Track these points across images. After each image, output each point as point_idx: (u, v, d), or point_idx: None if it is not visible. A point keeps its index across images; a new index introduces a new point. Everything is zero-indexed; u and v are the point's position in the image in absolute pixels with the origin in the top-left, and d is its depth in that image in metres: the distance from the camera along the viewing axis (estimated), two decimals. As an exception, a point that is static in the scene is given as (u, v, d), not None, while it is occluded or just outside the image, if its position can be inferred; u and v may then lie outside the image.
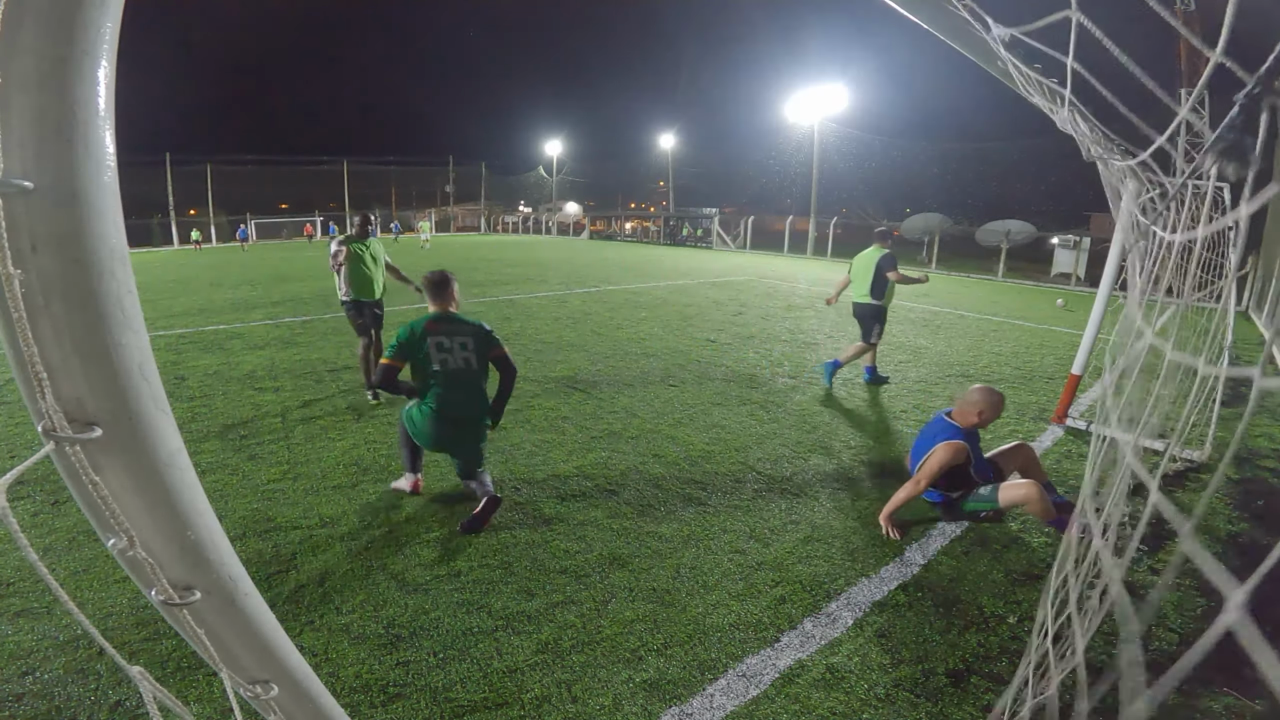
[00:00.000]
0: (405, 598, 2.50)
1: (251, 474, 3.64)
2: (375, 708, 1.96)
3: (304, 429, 4.37)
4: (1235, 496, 3.57)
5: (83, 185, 0.37)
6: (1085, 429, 4.57)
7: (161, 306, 9.84)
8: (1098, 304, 4.49)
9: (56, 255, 0.37)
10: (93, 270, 0.38)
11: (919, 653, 2.25)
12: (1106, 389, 2.07)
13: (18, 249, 0.36)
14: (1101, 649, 2.28)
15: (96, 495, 0.42)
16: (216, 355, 6.53)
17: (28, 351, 0.37)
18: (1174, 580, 2.73)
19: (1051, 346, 7.69)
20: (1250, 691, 2.05)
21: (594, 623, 2.37)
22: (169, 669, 2.09)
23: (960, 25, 1.49)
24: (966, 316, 9.91)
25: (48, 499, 3.25)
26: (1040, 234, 20.16)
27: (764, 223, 29.58)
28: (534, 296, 11.00)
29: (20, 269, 0.36)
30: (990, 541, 3.02)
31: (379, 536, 2.97)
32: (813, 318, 9.27)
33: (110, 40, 0.37)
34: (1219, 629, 0.50)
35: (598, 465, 3.80)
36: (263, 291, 11.68)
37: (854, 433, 4.44)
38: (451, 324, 3.16)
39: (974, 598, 2.57)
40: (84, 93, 0.36)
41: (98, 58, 0.36)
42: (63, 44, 0.35)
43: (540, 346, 6.97)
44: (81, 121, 0.36)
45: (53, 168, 0.36)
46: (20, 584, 2.54)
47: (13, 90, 0.34)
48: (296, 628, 2.31)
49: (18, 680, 2.03)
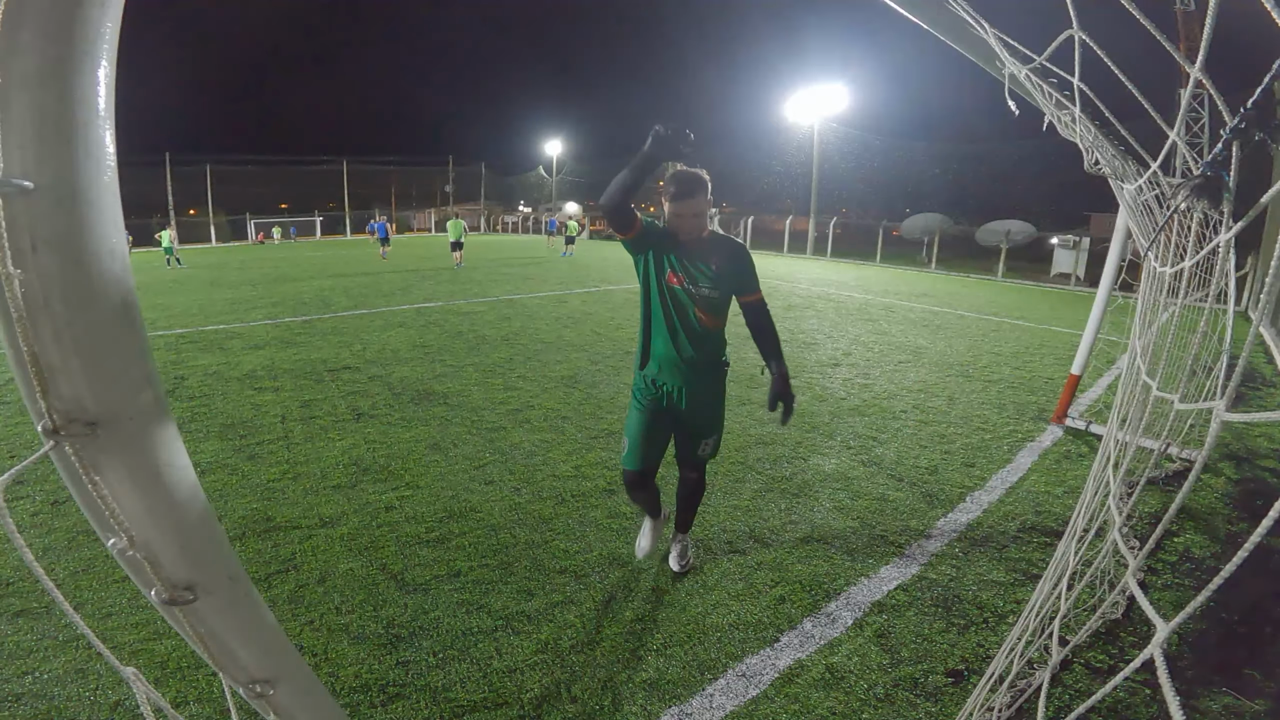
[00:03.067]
0: (405, 598, 2.50)
1: (251, 474, 3.64)
2: (375, 708, 1.96)
3: (304, 429, 4.37)
4: (1235, 496, 3.57)
5: (83, 185, 0.37)
6: (1085, 429, 4.57)
7: (161, 307, 9.84)
8: (1097, 304, 4.49)
9: (56, 255, 0.37)
10: (93, 270, 0.38)
11: (919, 652, 2.25)
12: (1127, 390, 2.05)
13: (18, 249, 0.36)
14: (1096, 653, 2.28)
15: (96, 495, 0.42)
16: (216, 355, 6.53)
17: (28, 351, 0.37)
18: (1172, 580, 2.73)
19: (1051, 346, 7.69)
20: (1250, 691, 2.05)
21: (594, 623, 2.37)
22: (169, 669, 2.09)
23: (960, 25, 1.49)
24: (966, 316, 9.91)
25: (47, 499, 3.25)
26: (1040, 234, 20.17)
27: (764, 222, 29.59)
28: (534, 296, 11.00)
29: (20, 269, 0.36)
30: (990, 541, 3.02)
31: (379, 536, 2.96)
32: (812, 317, 9.27)
33: (110, 40, 0.37)
34: (1136, 663, 0.51)
35: (598, 465, 3.79)
36: (263, 291, 11.68)
37: (854, 433, 4.44)
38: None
39: (974, 598, 2.57)
40: (84, 93, 0.36)
41: (98, 58, 0.36)
42: (63, 44, 0.35)
43: (540, 346, 6.97)
44: (81, 121, 0.36)
45: (53, 168, 0.36)
46: (20, 584, 2.53)
47: (13, 90, 0.34)
48: (296, 628, 2.31)
49: (17, 680, 2.03)
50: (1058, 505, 3.42)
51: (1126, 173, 2.74)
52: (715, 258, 2.21)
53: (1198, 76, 0.60)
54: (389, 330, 7.84)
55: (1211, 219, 2.91)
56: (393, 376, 5.67)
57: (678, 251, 2.21)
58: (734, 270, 2.23)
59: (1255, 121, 0.61)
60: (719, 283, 2.21)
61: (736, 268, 2.24)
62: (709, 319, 2.23)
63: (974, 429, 4.57)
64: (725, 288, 2.23)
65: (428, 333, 7.69)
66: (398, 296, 10.89)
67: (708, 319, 2.23)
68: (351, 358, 6.37)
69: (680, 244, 2.21)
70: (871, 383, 5.73)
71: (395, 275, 14.42)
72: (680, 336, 2.25)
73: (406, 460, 3.83)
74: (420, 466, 3.74)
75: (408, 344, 7.03)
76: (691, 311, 2.22)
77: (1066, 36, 1.00)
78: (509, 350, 6.75)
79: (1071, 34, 0.96)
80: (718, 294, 2.22)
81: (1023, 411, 5.00)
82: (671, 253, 2.21)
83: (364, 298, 10.70)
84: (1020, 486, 3.65)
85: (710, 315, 2.23)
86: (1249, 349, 0.61)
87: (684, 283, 2.20)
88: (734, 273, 2.24)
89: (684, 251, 2.21)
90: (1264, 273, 10.69)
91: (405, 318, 8.77)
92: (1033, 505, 3.41)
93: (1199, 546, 3.02)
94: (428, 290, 11.72)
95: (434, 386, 5.37)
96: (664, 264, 2.22)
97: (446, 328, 8.02)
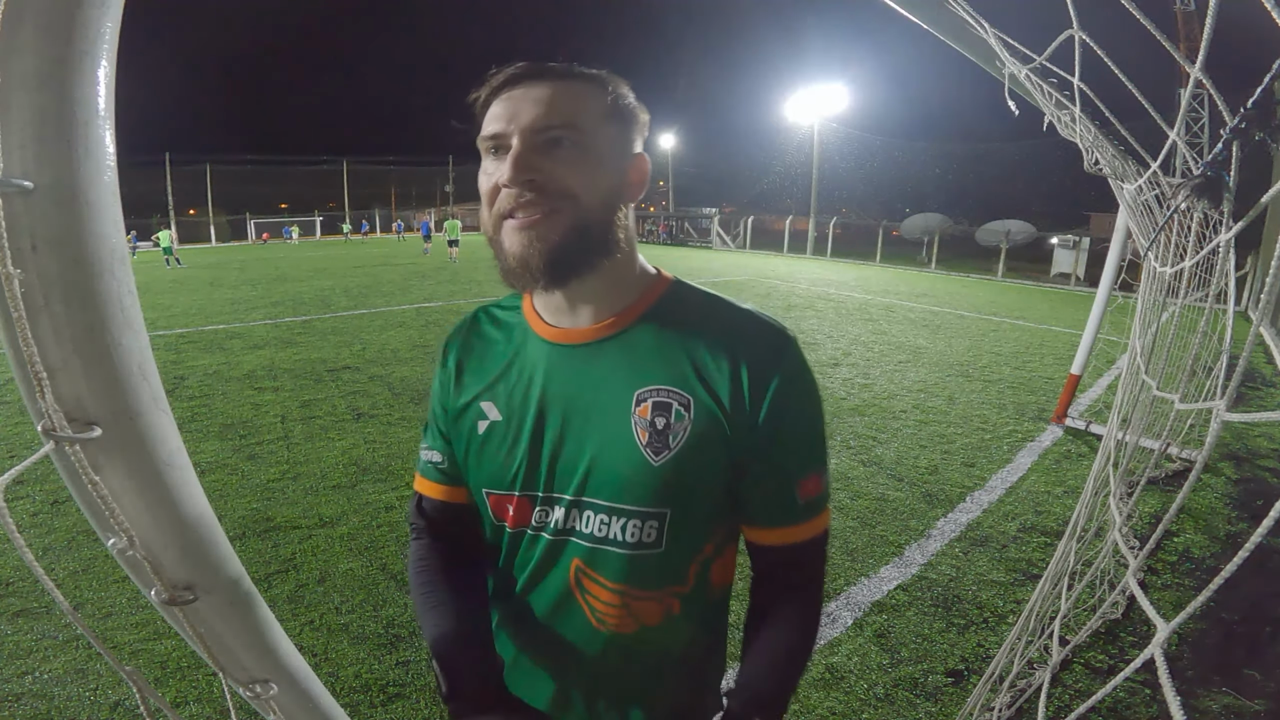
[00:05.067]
0: (405, 597, 2.50)
1: (251, 474, 3.64)
2: (375, 708, 1.96)
3: (304, 429, 4.37)
4: (1235, 496, 3.57)
5: (83, 185, 0.37)
6: (1085, 429, 4.58)
7: (161, 307, 9.84)
8: (1097, 304, 4.49)
9: (56, 255, 0.37)
10: (93, 270, 0.38)
11: (918, 652, 2.25)
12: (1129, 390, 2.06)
13: (18, 249, 0.36)
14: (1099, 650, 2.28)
15: (96, 495, 0.42)
16: (216, 355, 6.52)
17: (27, 351, 0.37)
18: (1172, 580, 2.73)
19: (1051, 346, 7.69)
20: (1250, 691, 2.05)
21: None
22: (169, 669, 2.09)
23: (960, 26, 1.48)
24: (966, 316, 9.91)
25: (47, 499, 3.25)
26: (1040, 234, 20.18)
27: (764, 222, 29.58)
28: (534, 296, 10.99)
29: (20, 269, 0.36)
30: (990, 541, 3.02)
31: (379, 536, 2.96)
32: (813, 317, 9.27)
33: (110, 40, 0.37)
34: (1136, 664, 0.51)
35: (597, 465, 3.79)
36: (263, 291, 11.68)
37: (854, 433, 4.44)
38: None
39: (974, 597, 2.57)
40: (84, 93, 0.36)
41: (98, 58, 0.36)
42: (63, 44, 0.35)
43: (540, 346, 6.96)
44: (81, 121, 0.36)
45: (53, 168, 0.36)
46: (20, 584, 2.53)
47: (13, 90, 0.34)
48: (296, 628, 2.31)
49: (17, 680, 2.03)
50: (1058, 505, 3.42)
51: (1126, 173, 2.74)
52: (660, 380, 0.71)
53: (1198, 76, 0.60)
54: (389, 330, 7.83)
55: (1211, 219, 2.91)
56: (393, 376, 5.67)
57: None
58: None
59: (1255, 121, 0.61)
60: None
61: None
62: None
63: (974, 429, 4.57)
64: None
65: (428, 333, 7.69)
66: (398, 296, 10.88)
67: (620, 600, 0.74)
68: (351, 358, 6.36)
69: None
70: (871, 383, 5.73)
71: (395, 275, 14.42)
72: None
73: (406, 460, 3.82)
74: (420, 466, 3.74)
75: (408, 344, 7.03)
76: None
77: (1066, 36, 1.00)
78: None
79: (1071, 34, 0.96)
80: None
81: (1023, 411, 5.00)
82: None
83: (364, 298, 10.69)
84: (1020, 486, 3.65)
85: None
86: (1249, 349, 0.61)
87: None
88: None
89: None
90: (1264, 273, 10.67)
91: (405, 317, 8.77)
92: (1033, 505, 3.41)
93: (1199, 546, 3.02)
94: (428, 290, 11.72)
95: (434, 386, 5.36)
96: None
97: (446, 327, 7.98)
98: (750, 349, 0.70)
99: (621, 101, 0.69)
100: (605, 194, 0.67)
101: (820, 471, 0.73)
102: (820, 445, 0.74)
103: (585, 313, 0.73)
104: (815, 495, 0.73)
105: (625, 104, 0.69)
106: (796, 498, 0.72)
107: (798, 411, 0.71)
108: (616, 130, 0.68)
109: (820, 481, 0.73)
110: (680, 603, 0.74)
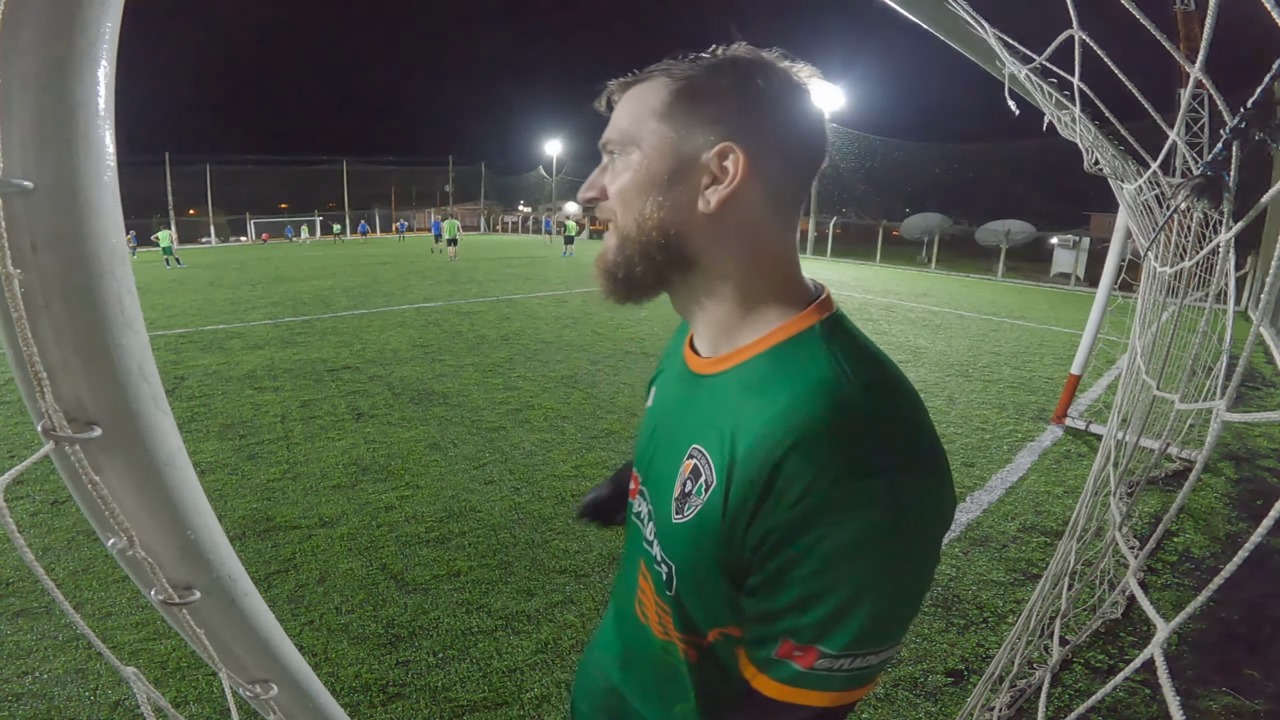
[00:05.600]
0: (405, 598, 2.50)
1: (251, 474, 3.64)
2: (375, 707, 1.96)
3: (304, 429, 4.36)
4: (1235, 496, 3.57)
5: (83, 185, 0.37)
6: (1085, 428, 4.57)
7: (161, 306, 9.84)
8: (1097, 304, 4.49)
9: (56, 255, 0.37)
10: (93, 270, 0.38)
11: (919, 652, 2.25)
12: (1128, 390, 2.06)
13: (18, 249, 0.36)
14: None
15: (96, 495, 0.42)
16: (216, 355, 6.52)
17: (28, 351, 0.37)
18: (1172, 580, 2.73)
19: (1051, 346, 7.69)
20: (1250, 691, 2.05)
21: (594, 623, 2.37)
22: (169, 669, 2.09)
23: (960, 25, 1.48)
24: (966, 316, 9.91)
25: (47, 499, 3.25)
26: (1040, 234, 20.17)
27: (764, 223, 29.44)
28: (534, 296, 11.00)
29: (20, 269, 0.36)
30: (990, 541, 3.02)
31: (379, 536, 2.96)
32: (812, 318, 9.26)
33: (110, 40, 0.37)
34: (1136, 663, 0.51)
35: (597, 465, 3.79)
36: (262, 291, 11.68)
37: (854, 433, 4.43)
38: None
39: (974, 597, 2.57)
40: (84, 93, 0.36)
41: (98, 58, 0.36)
42: (63, 44, 0.35)
43: (540, 346, 6.97)
44: (81, 121, 0.36)
45: (53, 168, 0.36)
46: (20, 584, 2.53)
47: (13, 90, 0.34)
48: (296, 628, 2.31)
49: (16, 680, 2.03)
50: (1057, 505, 3.42)
51: (1126, 173, 2.74)
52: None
53: (1198, 76, 0.60)
54: (389, 330, 7.83)
55: (1211, 219, 2.92)
56: (392, 376, 5.67)
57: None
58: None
59: (1255, 121, 0.61)
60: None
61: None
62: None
63: (974, 429, 4.57)
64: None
65: (427, 332, 7.69)
66: (397, 296, 10.88)
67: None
68: (351, 357, 6.36)
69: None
70: (871, 383, 5.72)
71: (395, 275, 14.42)
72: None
73: (406, 460, 3.83)
74: (420, 466, 3.74)
75: (407, 344, 7.03)
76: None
77: (1066, 36, 1.00)
78: (509, 350, 6.75)
79: (1071, 34, 0.96)
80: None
81: (1022, 411, 5.00)
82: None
83: (364, 298, 10.69)
84: (1020, 486, 3.65)
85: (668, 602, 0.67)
86: (1249, 349, 0.61)
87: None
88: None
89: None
90: (1264, 273, 10.68)
91: (405, 317, 8.77)
92: (1032, 505, 3.41)
93: (1199, 546, 3.02)
94: (427, 290, 11.72)
95: (434, 386, 5.36)
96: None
97: (446, 327, 8.01)
98: (794, 448, 0.50)
99: (686, 90, 0.59)
100: (646, 204, 0.60)
101: (822, 645, 0.51)
102: (849, 618, 0.51)
103: (705, 340, 0.66)
104: (804, 668, 0.53)
105: (690, 92, 0.59)
106: (771, 646, 0.54)
107: (822, 557, 0.50)
108: (674, 126, 0.59)
109: (814, 656, 0.52)
110: (697, 654, 0.65)
